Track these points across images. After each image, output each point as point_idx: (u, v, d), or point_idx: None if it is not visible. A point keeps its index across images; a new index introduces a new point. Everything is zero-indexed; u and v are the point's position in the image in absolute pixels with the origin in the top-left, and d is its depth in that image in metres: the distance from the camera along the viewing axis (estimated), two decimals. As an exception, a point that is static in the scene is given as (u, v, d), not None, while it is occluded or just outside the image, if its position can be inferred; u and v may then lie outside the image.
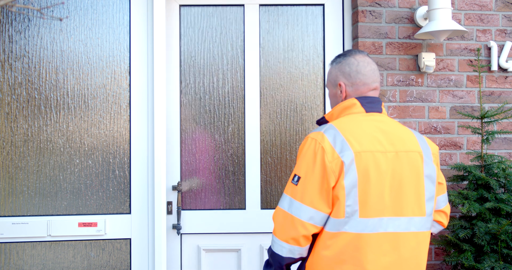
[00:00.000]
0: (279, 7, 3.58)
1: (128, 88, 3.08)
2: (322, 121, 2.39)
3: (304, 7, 3.57)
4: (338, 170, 2.12)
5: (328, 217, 2.15)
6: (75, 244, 3.03)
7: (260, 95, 3.58)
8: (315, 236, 2.21)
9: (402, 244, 2.17)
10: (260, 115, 3.59)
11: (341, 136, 2.16)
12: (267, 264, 2.29)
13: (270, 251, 2.24)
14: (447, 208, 2.44)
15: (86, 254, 3.03)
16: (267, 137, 3.60)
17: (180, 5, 3.47)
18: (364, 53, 2.38)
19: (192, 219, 3.51)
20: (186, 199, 3.54)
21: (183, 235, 3.49)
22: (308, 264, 2.21)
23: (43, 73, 3.02)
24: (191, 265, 3.49)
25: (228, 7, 3.56)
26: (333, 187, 2.13)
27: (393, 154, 2.19)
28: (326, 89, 3.14)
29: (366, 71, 2.32)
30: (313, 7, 3.57)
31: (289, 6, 3.57)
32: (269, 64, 3.56)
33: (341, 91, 2.35)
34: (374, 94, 2.36)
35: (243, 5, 3.55)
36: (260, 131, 3.57)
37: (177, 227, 3.39)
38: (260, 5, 3.55)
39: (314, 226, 2.14)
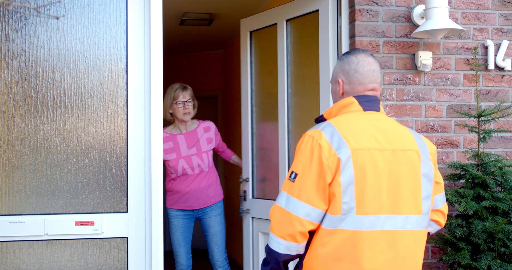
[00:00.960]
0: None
1: (125, 86, 3.08)
2: (320, 119, 2.39)
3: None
4: (335, 167, 2.12)
5: (325, 214, 2.16)
6: (72, 243, 3.03)
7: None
8: (312, 234, 2.22)
9: (399, 242, 2.17)
10: (288, 116, 3.84)
11: (338, 134, 2.16)
12: (265, 262, 2.29)
13: (267, 248, 2.24)
14: (444, 207, 2.44)
15: (83, 253, 3.03)
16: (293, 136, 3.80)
17: (250, 32, 4.19)
18: (368, 53, 2.37)
19: (256, 206, 4.14)
20: (256, 189, 4.22)
21: (253, 219, 4.17)
22: (305, 261, 2.21)
23: (40, 72, 3.01)
24: (255, 244, 4.16)
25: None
26: (330, 184, 2.13)
27: (390, 152, 2.19)
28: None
29: (364, 71, 2.32)
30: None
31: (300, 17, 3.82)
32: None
33: (339, 88, 2.36)
34: (373, 94, 2.36)
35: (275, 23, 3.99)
36: (288, 132, 3.86)
37: (239, 211, 4.24)
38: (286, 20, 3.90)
39: (310, 223, 2.15)
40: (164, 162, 4.20)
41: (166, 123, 4.27)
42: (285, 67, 3.85)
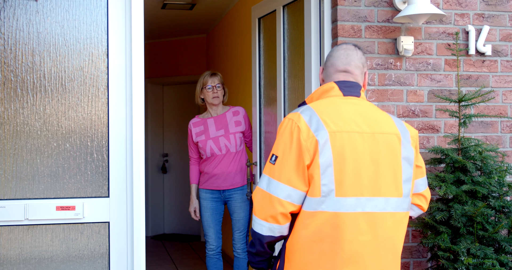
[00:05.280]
0: None
1: (106, 70, 3.05)
2: (302, 105, 2.43)
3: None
4: (313, 149, 2.16)
5: (306, 196, 2.19)
6: (53, 228, 3.01)
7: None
8: (295, 217, 2.24)
9: (379, 224, 2.20)
10: (284, 100, 3.87)
11: (317, 116, 2.20)
12: (251, 244, 2.33)
13: (252, 231, 2.28)
14: (426, 192, 2.46)
15: (64, 238, 3.02)
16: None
17: (259, 18, 4.28)
18: (352, 44, 2.43)
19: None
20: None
21: None
22: (288, 243, 2.24)
23: (19, 55, 2.98)
24: None
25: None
26: (309, 166, 2.16)
27: (369, 135, 2.22)
28: None
29: (338, 54, 2.38)
30: None
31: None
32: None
33: (320, 75, 2.45)
34: (345, 77, 2.38)
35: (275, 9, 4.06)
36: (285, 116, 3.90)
37: (246, 194, 4.44)
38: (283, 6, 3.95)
39: (291, 204, 2.17)
40: (196, 144, 4.59)
41: (200, 110, 4.50)
42: (282, 52, 3.90)
